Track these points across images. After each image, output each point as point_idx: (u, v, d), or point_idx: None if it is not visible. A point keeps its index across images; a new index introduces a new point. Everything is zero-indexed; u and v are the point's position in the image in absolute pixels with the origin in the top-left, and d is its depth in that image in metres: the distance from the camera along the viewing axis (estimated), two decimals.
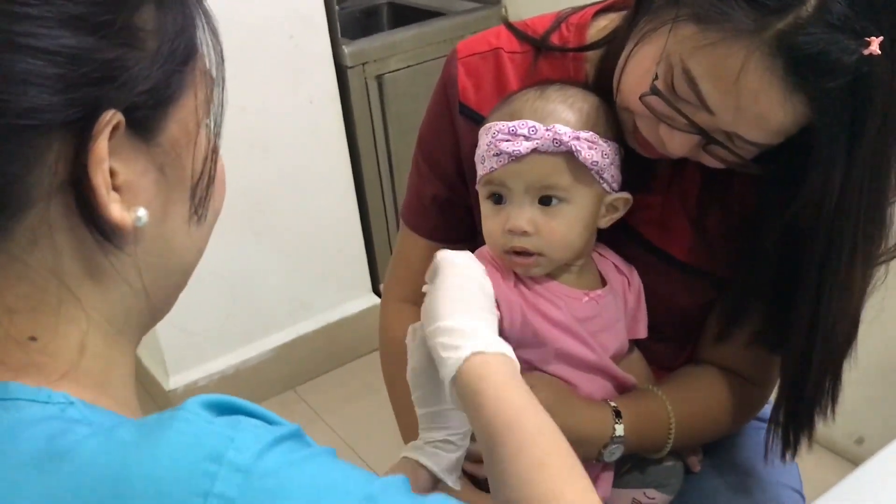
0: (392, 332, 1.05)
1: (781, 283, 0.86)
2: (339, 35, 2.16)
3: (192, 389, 2.18)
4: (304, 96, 2.13)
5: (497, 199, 0.87)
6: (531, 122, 0.83)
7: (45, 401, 0.47)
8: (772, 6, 0.67)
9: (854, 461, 1.89)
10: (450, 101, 0.97)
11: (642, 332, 0.96)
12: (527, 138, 0.82)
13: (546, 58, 0.94)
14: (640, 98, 0.77)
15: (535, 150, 0.82)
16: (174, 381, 2.17)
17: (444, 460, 0.81)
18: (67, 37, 0.44)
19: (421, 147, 1.03)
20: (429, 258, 1.03)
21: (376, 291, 2.45)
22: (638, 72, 0.78)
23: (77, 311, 0.50)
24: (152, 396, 2.30)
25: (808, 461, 1.92)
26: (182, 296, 0.60)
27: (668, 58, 0.74)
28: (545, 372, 0.90)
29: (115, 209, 0.48)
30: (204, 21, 0.53)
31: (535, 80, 0.92)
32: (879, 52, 0.66)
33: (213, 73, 0.54)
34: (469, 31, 2.24)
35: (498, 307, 0.85)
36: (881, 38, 0.66)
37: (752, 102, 0.71)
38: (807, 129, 0.73)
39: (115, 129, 0.47)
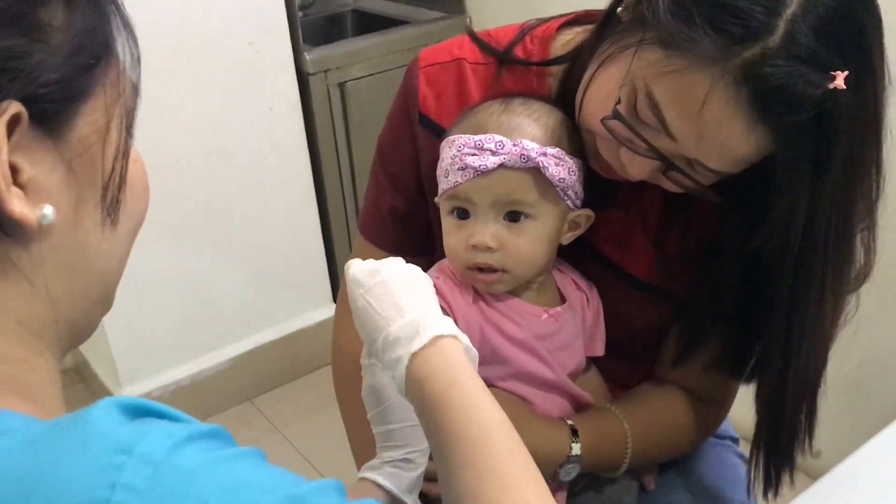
0: (345, 348, 1.03)
1: (744, 309, 0.85)
2: (301, 41, 2.13)
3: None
4: (265, 103, 2.10)
5: (461, 213, 0.85)
6: (498, 137, 0.81)
7: None
8: (738, 35, 0.66)
9: (812, 475, 1.90)
10: (409, 110, 0.95)
11: (600, 350, 0.95)
12: (493, 153, 0.81)
13: (509, 70, 0.92)
14: (601, 121, 0.76)
15: (501, 165, 0.81)
16: (127, 392, 2.12)
17: (403, 480, 0.79)
18: None
19: (380, 157, 1.02)
20: None
21: (336, 301, 2.42)
22: (600, 94, 0.77)
23: None
24: None
25: None
26: (136, 303, 0.58)
27: (633, 81, 0.73)
28: (502, 389, 0.88)
29: (17, 204, 0.47)
30: (121, 23, 0.53)
31: (498, 93, 0.91)
32: (845, 87, 0.66)
33: (129, 74, 0.54)
34: (433, 40, 2.22)
35: (455, 323, 0.83)
36: (846, 72, 0.66)
37: (716, 131, 0.70)
38: (768, 158, 0.73)
39: (16, 122, 0.46)
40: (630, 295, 0.94)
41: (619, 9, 0.78)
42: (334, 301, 2.42)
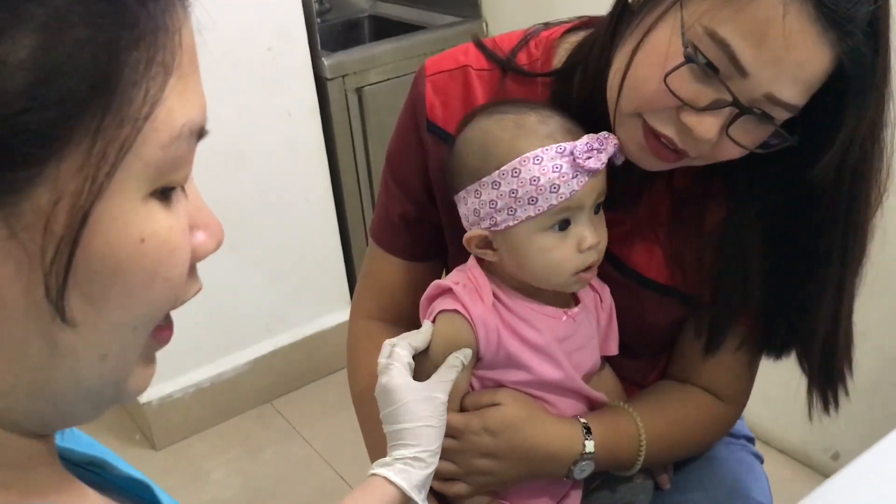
0: (360, 350, 1.05)
1: (778, 287, 0.88)
2: (319, 47, 2.15)
3: (167, 402, 2.16)
4: (283, 108, 2.12)
5: (562, 224, 0.83)
6: (596, 135, 0.81)
7: None
8: None
9: (829, 476, 1.90)
10: (418, 118, 0.96)
11: (613, 350, 0.95)
12: (599, 151, 0.80)
13: (513, 77, 0.93)
14: (665, 79, 0.75)
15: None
16: (148, 394, 2.15)
17: (413, 477, 0.80)
18: None
19: (389, 164, 1.03)
20: (398, 275, 1.04)
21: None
22: (656, 59, 0.76)
23: None
24: (127, 410, 2.27)
25: (783, 475, 1.93)
26: None
27: (688, 34, 0.73)
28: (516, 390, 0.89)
29: None
30: (130, 40, 0.38)
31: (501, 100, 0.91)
32: None
33: (142, 110, 0.40)
34: (449, 45, 2.21)
35: (474, 328, 0.85)
36: None
37: (792, 49, 0.70)
38: (818, 95, 0.75)
39: None
40: (641, 294, 0.94)
41: None
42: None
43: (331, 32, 2.52)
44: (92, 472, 0.53)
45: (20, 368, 0.41)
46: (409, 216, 1.01)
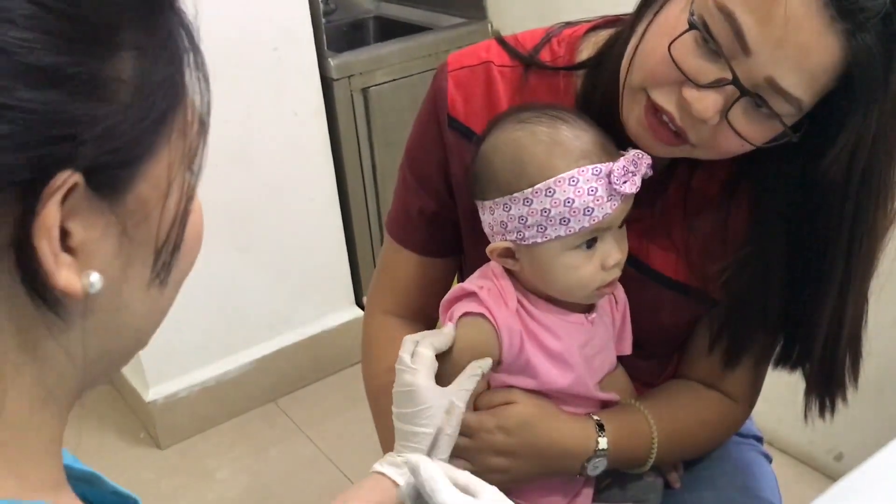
0: (377, 346, 1.05)
1: (795, 297, 0.88)
2: (325, 48, 2.16)
3: (172, 401, 2.17)
4: (289, 109, 2.13)
5: (590, 243, 0.83)
6: (637, 153, 0.80)
7: None
8: None
9: (833, 477, 1.90)
10: (438, 113, 0.96)
11: (627, 349, 0.95)
12: (634, 173, 0.79)
13: (536, 73, 0.93)
14: (669, 47, 0.75)
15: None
16: (154, 393, 2.15)
17: None
18: (23, 90, 0.39)
19: (408, 159, 1.02)
20: (415, 271, 1.04)
21: (359, 304, 2.44)
22: (664, 30, 0.76)
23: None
24: (132, 409, 2.28)
25: (788, 476, 1.93)
26: None
27: (697, 5, 0.73)
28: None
29: (63, 276, 0.42)
30: (194, 62, 0.47)
31: (526, 96, 0.92)
32: None
33: (199, 122, 0.49)
34: (455, 46, 2.25)
35: (499, 333, 0.85)
36: None
37: (796, 32, 0.70)
38: (824, 102, 0.74)
39: (71, 189, 0.41)
40: (659, 293, 0.94)
41: None
42: (356, 304, 2.44)
43: (336, 33, 2.52)
44: (83, 486, 0.54)
45: (113, 335, 0.49)
46: (427, 212, 1.01)
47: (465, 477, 0.72)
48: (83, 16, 0.41)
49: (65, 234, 0.42)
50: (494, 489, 0.71)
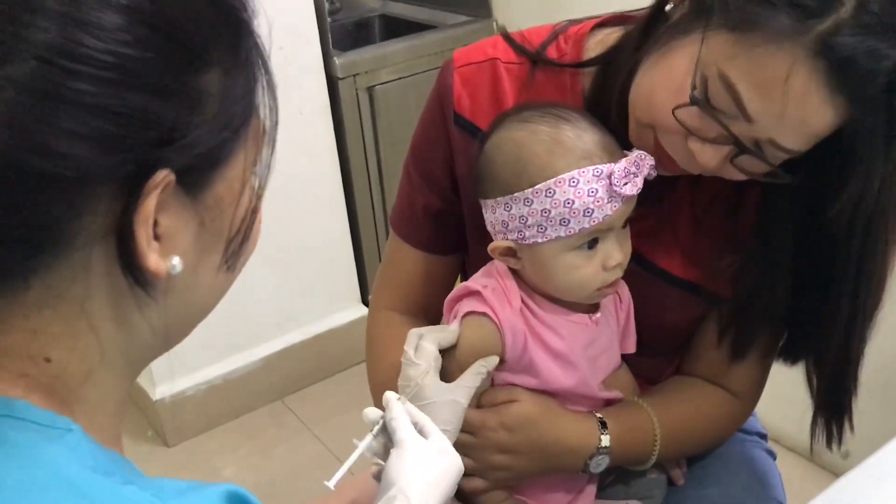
0: (381, 342, 1.05)
1: (798, 295, 0.88)
2: (331, 46, 2.16)
3: (178, 399, 2.17)
4: (295, 108, 2.13)
5: (591, 244, 0.83)
6: (639, 154, 0.80)
7: (49, 424, 0.49)
8: (812, 8, 0.67)
9: (839, 475, 1.90)
10: (444, 110, 0.96)
11: (631, 348, 0.95)
12: (636, 175, 0.80)
13: (542, 70, 0.93)
14: (673, 112, 0.76)
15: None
16: (160, 391, 2.16)
17: None
18: (134, 99, 0.46)
19: (413, 156, 1.02)
20: (419, 268, 1.04)
21: (365, 302, 2.45)
22: (669, 86, 0.77)
23: (94, 346, 0.52)
24: (139, 407, 2.29)
25: (793, 473, 1.93)
26: None
27: (702, 70, 0.74)
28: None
29: (153, 259, 0.50)
30: (265, 82, 0.55)
31: (532, 93, 0.91)
32: None
33: (267, 134, 0.57)
34: (460, 44, 2.22)
35: (502, 333, 0.85)
36: None
37: (797, 107, 0.70)
38: (834, 135, 0.74)
39: (166, 186, 0.48)
40: (664, 291, 0.94)
41: (668, 6, 0.79)
42: (362, 302, 2.44)
43: (341, 32, 2.53)
44: None
45: (187, 310, 0.57)
46: (432, 209, 1.01)
47: (422, 419, 0.78)
48: (183, 37, 0.48)
49: (154, 224, 0.49)
50: (444, 437, 0.78)
